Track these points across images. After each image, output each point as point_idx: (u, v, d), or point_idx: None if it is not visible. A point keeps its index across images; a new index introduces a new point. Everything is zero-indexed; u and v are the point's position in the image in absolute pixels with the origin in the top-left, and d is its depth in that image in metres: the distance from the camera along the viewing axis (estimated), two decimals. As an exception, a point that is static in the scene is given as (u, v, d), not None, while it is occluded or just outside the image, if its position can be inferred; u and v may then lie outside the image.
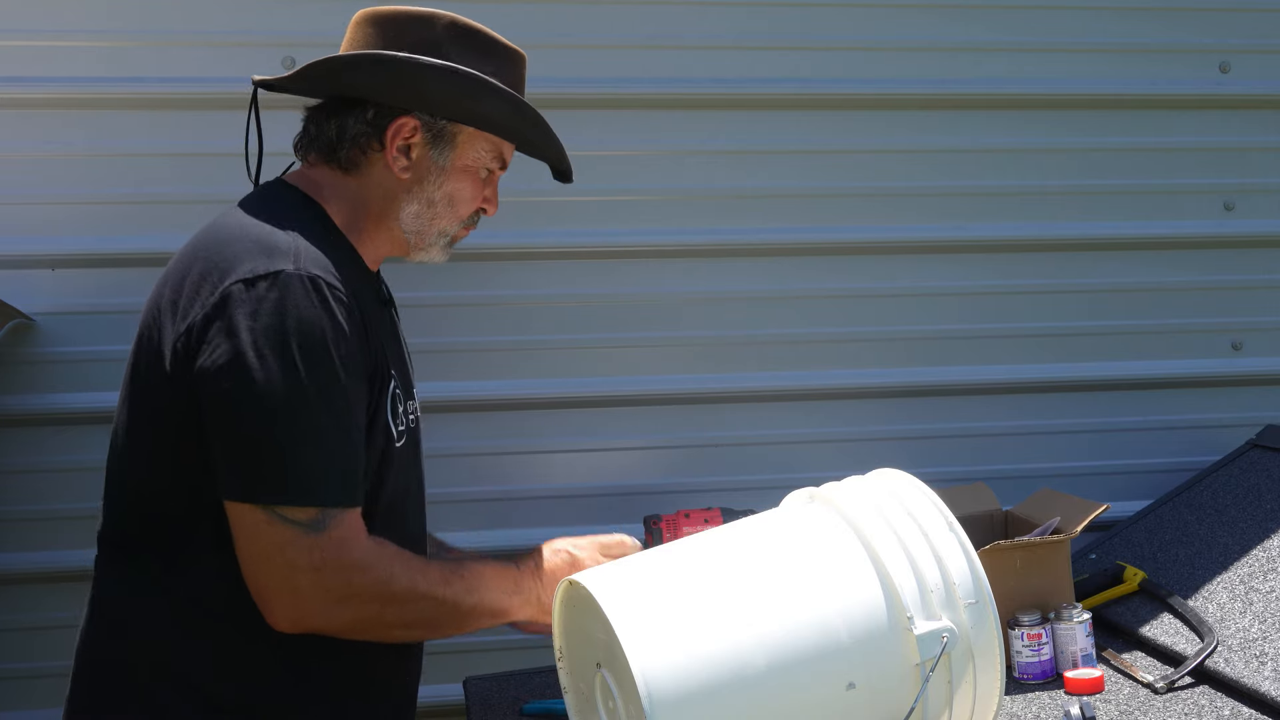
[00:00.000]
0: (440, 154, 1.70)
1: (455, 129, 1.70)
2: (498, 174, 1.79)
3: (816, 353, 2.58)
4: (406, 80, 1.64)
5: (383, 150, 1.67)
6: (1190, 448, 2.70)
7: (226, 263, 1.50)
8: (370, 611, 1.52)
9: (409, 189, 1.69)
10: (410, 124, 1.67)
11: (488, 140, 1.73)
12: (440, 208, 1.72)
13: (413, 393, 1.79)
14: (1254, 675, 1.81)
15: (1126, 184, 2.71)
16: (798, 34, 2.56)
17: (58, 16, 2.32)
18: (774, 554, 1.53)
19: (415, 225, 1.72)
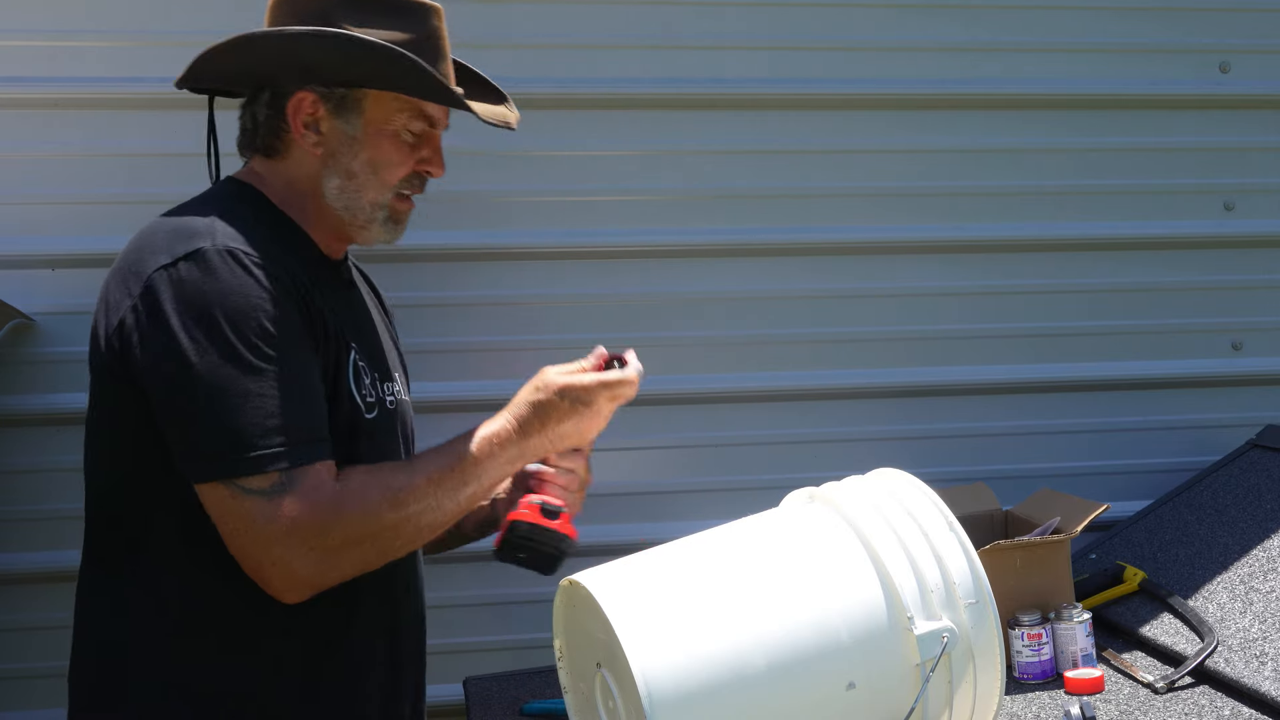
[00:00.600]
0: (348, 122, 1.64)
1: (358, 94, 1.63)
2: (435, 133, 1.71)
3: (816, 353, 2.58)
4: (278, 55, 1.60)
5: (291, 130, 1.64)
6: (1190, 448, 2.70)
7: (147, 254, 1.50)
8: (366, 549, 1.49)
9: (326, 164, 1.64)
10: (308, 98, 1.62)
11: (396, 100, 1.65)
12: (363, 178, 1.65)
13: (392, 375, 1.76)
14: (1254, 675, 1.81)
15: (1126, 184, 2.71)
16: (798, 34, 2.56)
17: (58, 16, 2.32)
18: (774, 554, 1.53)
19: (342, 200, 1.65)
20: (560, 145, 2.48)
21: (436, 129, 1.71)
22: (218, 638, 1.53)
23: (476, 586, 2.43)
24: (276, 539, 1.44)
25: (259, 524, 1.43)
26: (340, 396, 1.58)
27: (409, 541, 1.54)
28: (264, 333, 1.46)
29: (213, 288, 1.46)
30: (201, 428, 1.44)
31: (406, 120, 1.67)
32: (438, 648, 2.40)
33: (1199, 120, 2.73)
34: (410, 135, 1.68)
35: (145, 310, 1.46)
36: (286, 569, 1.45)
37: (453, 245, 2.45)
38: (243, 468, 1.42)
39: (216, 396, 1.43)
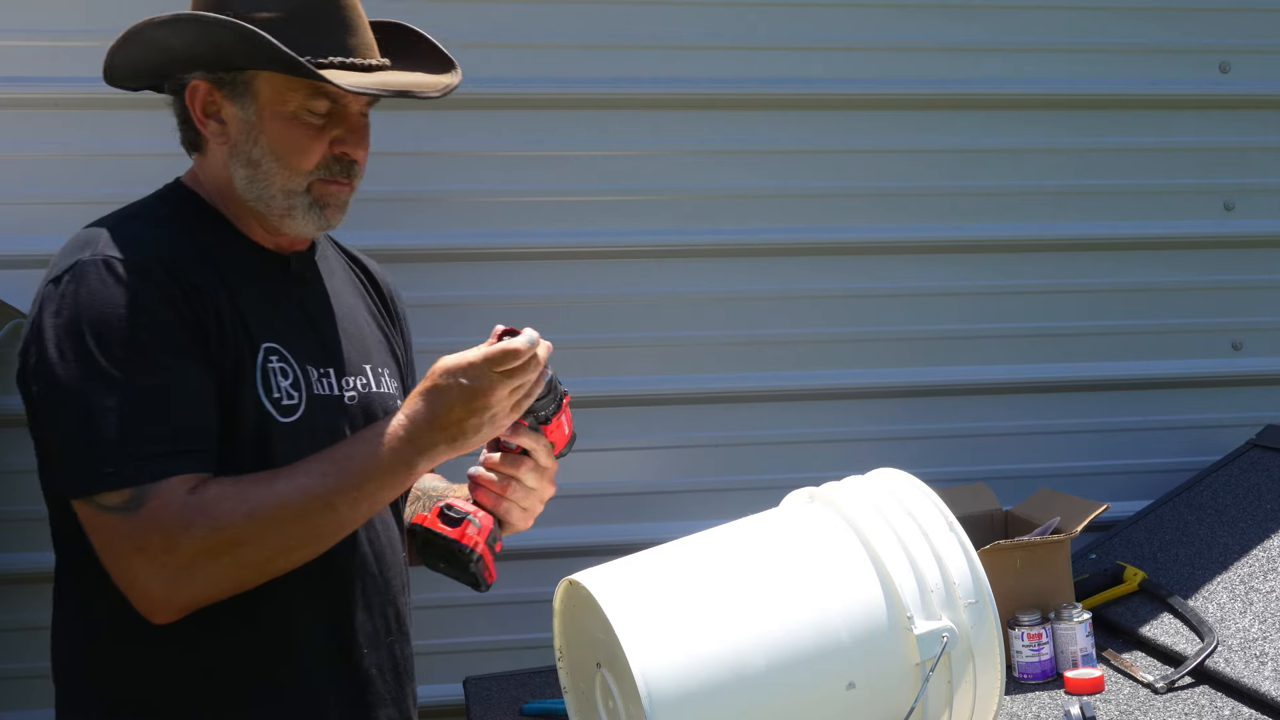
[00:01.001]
0: (244, 108, 1.55)
1: (247, 77, 1.54)
2: (350, 110, 1.58)
3: (817, 353, 2.58)
4: (159, 46, 1.55)
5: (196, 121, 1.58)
6: (1190, 448, 2.70)
7: (47, 271, 1.50)
8: (225, 564, 1.42)
9: (231, 154, 1.57)
10: (201, 86, 1.56)
11: (285, 79, 1.54)
12: (267, 164, 1.56)
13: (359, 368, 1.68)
14: (1254, 675, 1.81)
15: (1126, 184, 2.71)
16: (798, 34, 2.56)
17: (58, 16, 2.31)
18: (774, 554, 1.53)
19: (252, 191, 1.57)
20: (560, 145, 2.48)
21: (350, 107, 1.58)
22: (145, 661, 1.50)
23: (476, 586, 2.43)
24: (129, 556, 1.40)
25: (115, 541, 1.40)
26: (242, 402, 1.51)
27: (284, 552, 1.45)
28: (129, 344, 1.43)
29: (83, 300, 1.44)
30: (63, 444, 1.43)
31: (304, 100, 1.55)
32: (438, 648, 2.41)
33: (1199, 120, 2.73)
34: (314, 116, 1.56)
35: (31, 327, 1.47)
36: (142, 588, 1.41)
37: (453, 245, 2.45)
38: (98, 483, 1.40)
39: (77, 412, 1.41)
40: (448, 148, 2.43)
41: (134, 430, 1.41)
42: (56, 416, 1.43)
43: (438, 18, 2.42)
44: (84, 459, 1.40)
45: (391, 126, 2.38)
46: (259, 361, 1.54)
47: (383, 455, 1.48)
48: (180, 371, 1.46)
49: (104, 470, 1.40)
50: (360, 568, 1.62)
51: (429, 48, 1.72)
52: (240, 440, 1.51)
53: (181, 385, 1.45)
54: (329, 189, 1.59)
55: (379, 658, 1.65)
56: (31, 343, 1.46)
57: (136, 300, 1.44)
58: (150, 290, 1.46)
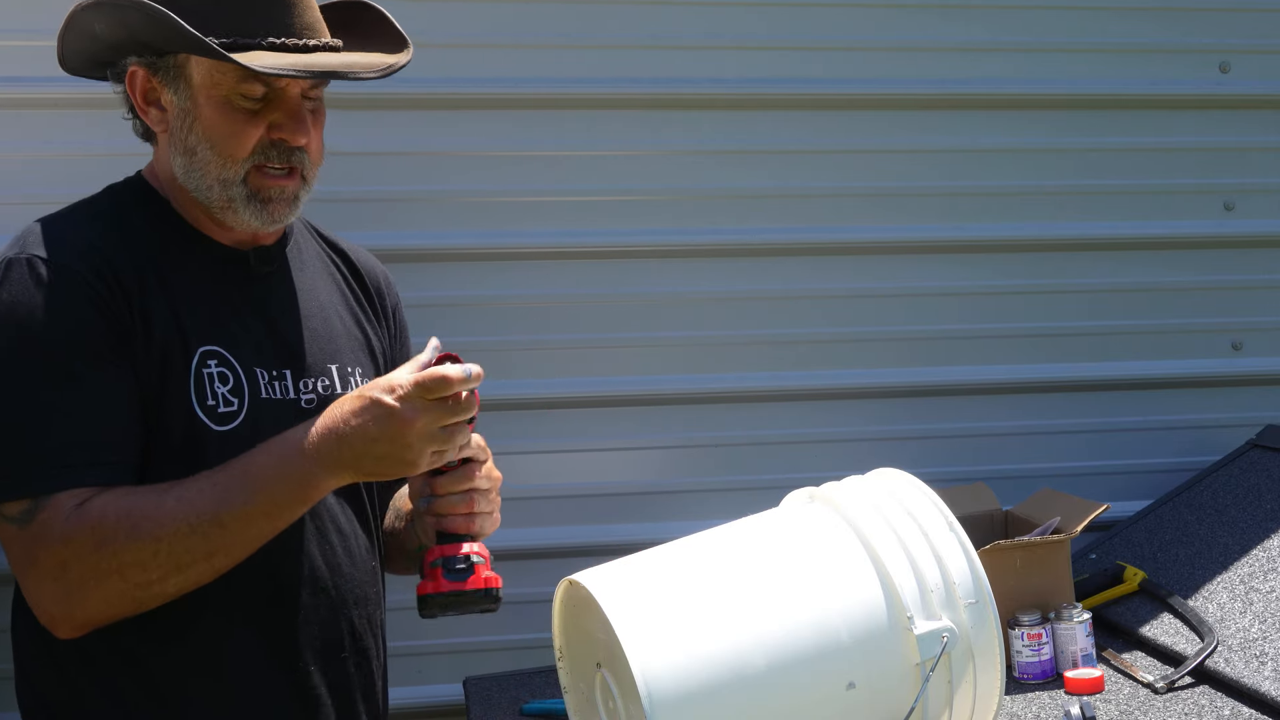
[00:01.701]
0: (179, 94, 1.50)
1: (179, 61, 1.49)
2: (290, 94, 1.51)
3: (816, 353, 2.58)
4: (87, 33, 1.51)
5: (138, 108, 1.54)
6: (1190, 448, 2.70)
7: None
8: (115, 583, 1.37)
9: (171, 142, 1.53)
10: (139, 72, 1.52)
11: (212, 65, 1.48)
12: (202, 153, 1.50)
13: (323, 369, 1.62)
14: (1254, 675, 1.81)
15: (1126, 184, 2.71)
16: (798, 34, 2.56)
17: (58, 17, 2.30)
18: (774, 554, 1.53)
19: (191, 181, 1.52)
20: (560, 145, 2.48)
21: (289, 91, 1.52)
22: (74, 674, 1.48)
23: (476, 586, 2.42)
24: (24, 570, 1.38)
25: (13, 551, 1.38)
26: (170, 408, 1.47)
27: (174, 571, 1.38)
28: (43, 349, 1.39)
29: (5, 302, 1.41)
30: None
31: (234, 84, 1.49)
32: (438, 648, 2.41)
33: (1199, 120, 2.73)
34: (247, 101, 1.50)
35: None
36: (39, 603, 1.39)
37: (452, 245, 2.44)
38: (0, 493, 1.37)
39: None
40: (447, 148, 2.43)
41: (36, 439, 1.37)
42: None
43: (438, 17, 2.43)
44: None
45: (391, 127, 2.39)
46: (193, 366, 1.48)
47: (284, 471, 1.41)
48: (94, 380, 1.41)
49: (4, 480, 1.37)
50: (309, 580, 1.55)
51: (388, 27, 1.65)
52: (170, 448, 1.46)
53: (94, 394, 1.40)
54: (266, 182, 1.52)
55: (331, 676, 1.59)
56: None
57: (56, 303, 1.40)
58: (71, 292, 1.41)
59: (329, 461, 1.41)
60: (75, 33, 1.54)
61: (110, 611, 1.40)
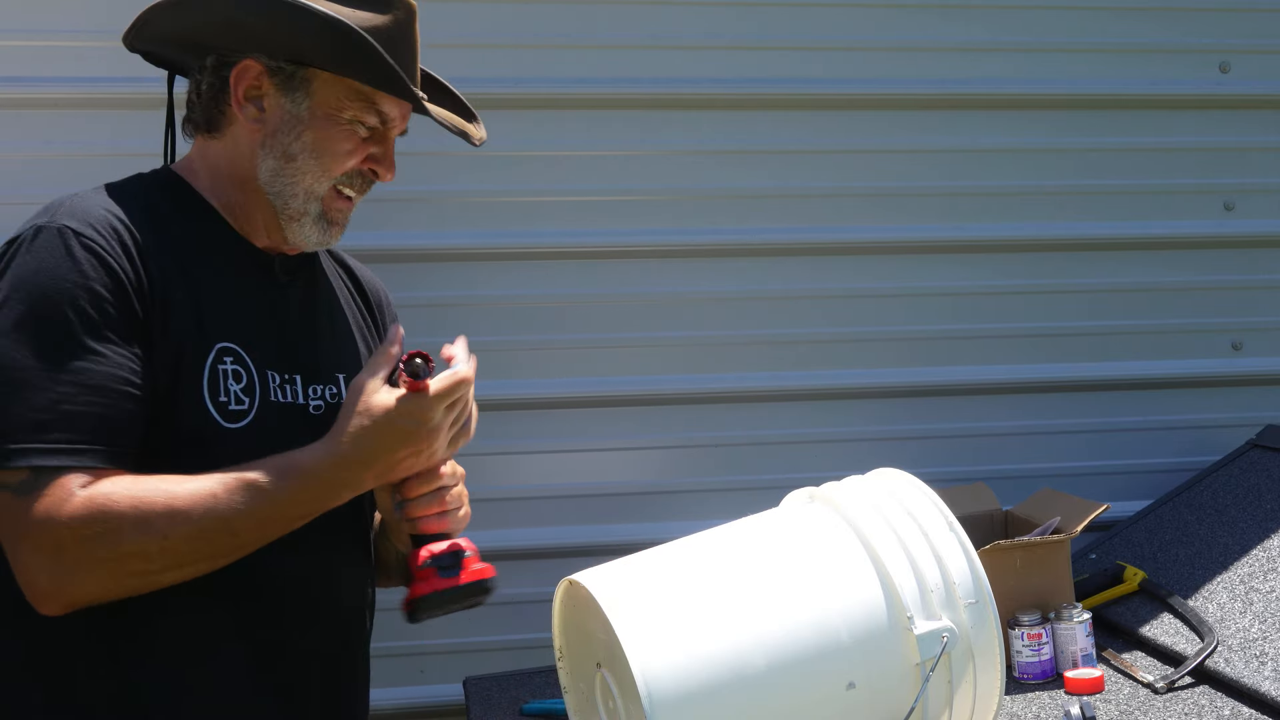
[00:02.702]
0: (294, 101, 1.52)
1: (309, 74, 1.51)
2: (389, 133, 1.59)
3: (816, 353, 2.58)
4: (224, 17, 1.50)
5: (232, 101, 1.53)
6: (1190, 448, 2.70)
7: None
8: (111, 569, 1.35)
9: (264, 142, 1.53)
10: (254, 68, 1.51)
11: (348, 87, 1.53)
12: (302, 161, 1.53)
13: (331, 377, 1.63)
14: (1254, 675, 1.81)
15: (1126, 184, 2.71)
16: (797, 34, 2.56)
17: (58, 16, 2.31)
18: (774, 554, 1.53)
19: (276, 184, 1.54)
20: (560, 145, 2.48)
21: (391, 130, 1.59)
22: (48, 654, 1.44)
23: (476, 586, 2.42)
24: (16, 542, 1.35)
25: (6, 521, 1.35)
26: (182, 400, 1.45)
27: (173, 567, 1.38)
28: (66, 320, 1.37)
29: (31, 267, 1.39)
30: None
31: (359, 112, 1.54)
32: (438, 648, 2.41)
33: (1199, 120, 2.73)
34: (363, 128, 1.56)
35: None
36: (29, 576, 1.35)
37: (451, 245, 2.45)
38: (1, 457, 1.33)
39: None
40: (447, 148, 2.40)
41: (46, 412, 1.35)
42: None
43: (438, 17, 2.42)
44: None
45: (391, 126, 2.39)
46: (208, 361, 1.48)
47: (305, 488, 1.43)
48: (108, 358, 1.39)
49: (7, 445, 1.34)
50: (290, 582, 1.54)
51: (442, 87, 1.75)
52: (177, 440, 1.44)
53: (106, 373, 1.39)
54: (341, 203, 1.58)
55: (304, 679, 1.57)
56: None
57: (81, 276, 1.39)
58: (98, 267, 1.40)
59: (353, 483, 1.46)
60: (201, 9, 1.52)
61: (102, 593, 1.38)
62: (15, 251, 1.41)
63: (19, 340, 1.36)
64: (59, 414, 1.35)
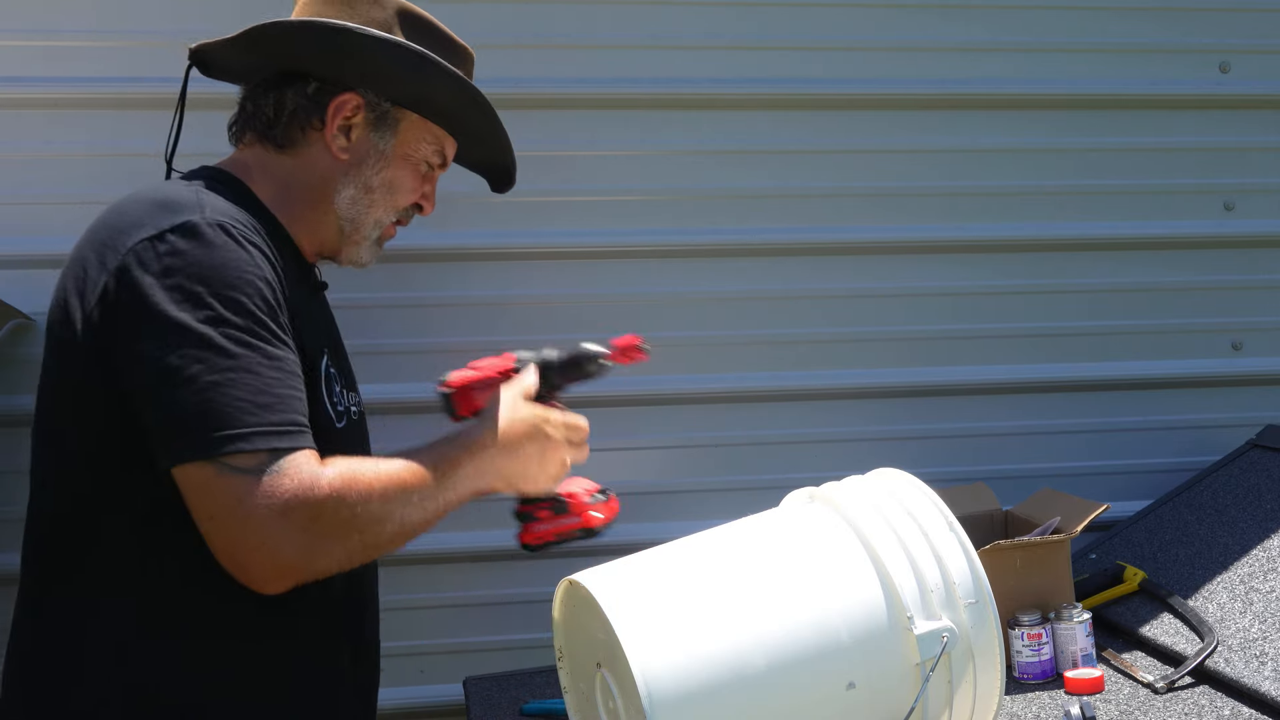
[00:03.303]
0: (382, 138, 1.63)
1: (399, 114, 1.64)
2: (437, 172, 1.73)
3: (816, 353, 2.58)
4: (356, 53, 1.57)
5: (323, 128, 1.60)
6: (1190, 448, 2.70)
7: (126, 227, 1.42)
8: (354, 541, 1.41)
9: (346, 171, 1.62)
10: (353, 101, 1.60)
11: (430, 131, 1.68)
12: (378, 194, 1.65)
13: (355, 386, 1.74)
14: (1254, 675, 1.81)
15: (1126, 184, 2.71)
16: (797, 34, 2.56)
17: (58, 16, 2.31)
18: (774, 554, 1.53)
19: (351, 211, 1.64)
20: (560, 145, 2.48)
21: (441, 170, 1.74)
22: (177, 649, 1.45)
23: (475, 587, 2.42)
24: (265, 520, 1.34)
25: (246, 504, 1.34)
26: (316, 400, 1.51)
27: (392, 540, 1.45)
28: (253, 310, 1.39)
29: (203, 260, 1.38)
30: (185, 404, 1.34)
31: (430, 153, 1.69)
32: (438, 648, 2.41)
33: (1199, 120, 2.73)
34: (426, 167, 1.70)
35: (126, 285, 1.37)
36: (273, 553, 1.35)
37: (452, 245, 2.45)
38: (229, 445, 1.33)
39: (202, 373, 1.34)
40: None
41: (266, 394, 1.37)
42: (174, 377, 1.35)
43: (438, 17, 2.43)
44: (213, 420, 1.34)
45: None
46: (324, 364, 1.57)
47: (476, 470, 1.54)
48: (289, 349, 1.44)
49: (237, 431, 1.34)
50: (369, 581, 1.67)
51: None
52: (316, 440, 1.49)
53: (293, 361, 1.44)
54: (389, 232, 1.72)
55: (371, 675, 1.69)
56: (129, 302, 1.37)
57: (257, 268, 1.42)
58: (264, 263, 1.44)
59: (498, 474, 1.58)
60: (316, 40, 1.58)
61: (333, 565, 1.43)
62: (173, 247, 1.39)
63: (218, 332, 1.37)
64: (276, 396, 1.38)
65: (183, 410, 1.35)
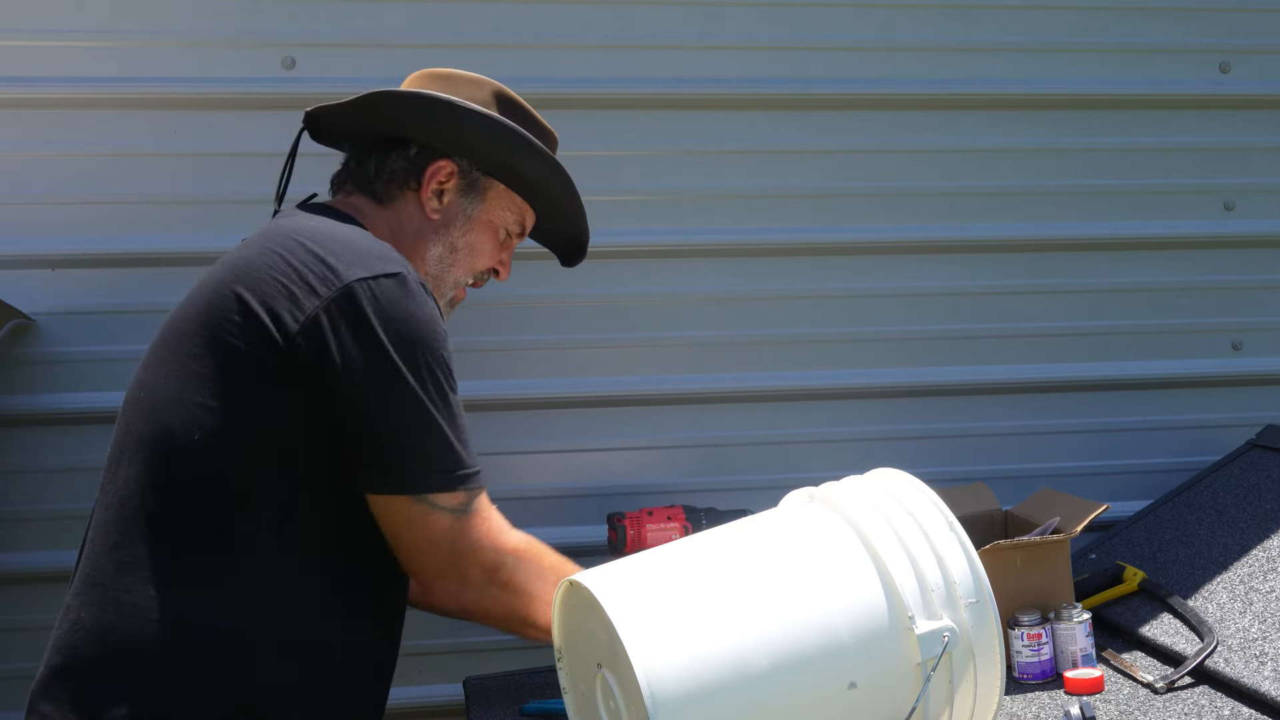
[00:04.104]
0: (470, 204, 1.79)
1: (487, 183, 1.80)
2: (515, 241, 1.88)
3: (816, 353, 2.58)
4: (457, 124, 1.73)
5: (418, 189, 1.76)
6: (1190, 448, 2.70)
7: (337, 256, 1.54)
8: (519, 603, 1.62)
9: (436, 230, 1.77)
10: (448, 168, 1.76)
11: (514, 201, 1.83)
12: (461, 255, 1.79)
13: None
14: (1254, 675, 1.81)
15: (1126, 184, 2.71)
16: (798, 34, 2.56)
17: (57, 16, 2.32)
18: (775, 554, 1.53)
19: (437, 268, 1.79)
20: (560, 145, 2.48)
21: (518, 239, 1.89)
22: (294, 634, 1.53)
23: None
24: (463, 553, 1.56)
25: (450, 538, 1.55)
26: None
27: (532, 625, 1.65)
28: (447, 366, 1.57)
29: (417, 314, 1.53)
30: (402, 444, 1.52)
31: (511, 221, 1.85)
32: (438, 648, 2.41)
33: (1199, 120, 2.73)
34: (505, 234, 1.85)
35: (347, 316, 1.50)
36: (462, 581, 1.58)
37: (453, 245, 2.44)
38: (437, 484, 1.53)
39: (418, 418, 1.52)
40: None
41: (463, 444, 1.57)
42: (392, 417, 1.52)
43: (439, 18, 2.43)
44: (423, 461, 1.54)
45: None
46: None
47: None
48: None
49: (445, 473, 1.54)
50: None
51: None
52: None
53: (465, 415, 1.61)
54: (460, 295, 1.85)
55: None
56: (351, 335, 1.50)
57: (443, 328, 1.59)
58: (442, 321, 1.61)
59: None
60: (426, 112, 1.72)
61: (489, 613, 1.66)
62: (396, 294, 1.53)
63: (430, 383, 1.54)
64: (468, 446, 1.58)
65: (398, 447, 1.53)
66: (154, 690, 1.48)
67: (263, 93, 2.36)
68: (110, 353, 2.30)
